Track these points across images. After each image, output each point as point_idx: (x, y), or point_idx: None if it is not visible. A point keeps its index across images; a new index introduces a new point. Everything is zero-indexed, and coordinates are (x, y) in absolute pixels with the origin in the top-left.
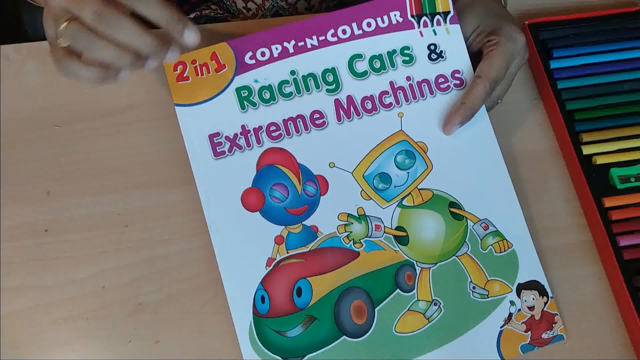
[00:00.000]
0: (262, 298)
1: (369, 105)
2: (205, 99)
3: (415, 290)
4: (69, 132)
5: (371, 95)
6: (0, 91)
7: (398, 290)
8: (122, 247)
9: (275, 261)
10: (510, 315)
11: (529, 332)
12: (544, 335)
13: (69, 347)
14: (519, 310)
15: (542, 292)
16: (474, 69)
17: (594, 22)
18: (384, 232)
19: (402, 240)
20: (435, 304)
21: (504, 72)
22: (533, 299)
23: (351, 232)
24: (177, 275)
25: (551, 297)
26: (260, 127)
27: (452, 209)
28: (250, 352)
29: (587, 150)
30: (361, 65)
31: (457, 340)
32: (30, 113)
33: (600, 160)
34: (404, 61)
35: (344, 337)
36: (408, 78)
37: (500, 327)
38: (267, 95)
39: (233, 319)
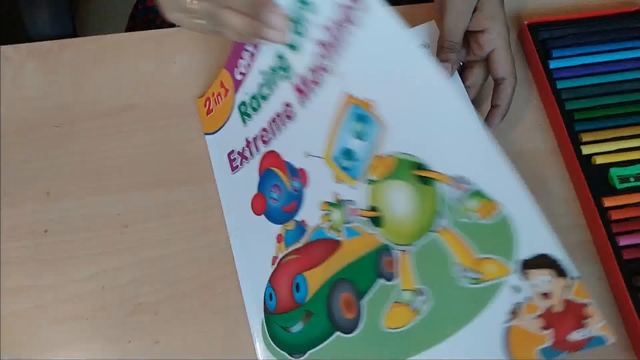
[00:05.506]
0: (270, 295)
1: (317, 77)
2: (222, 124)
3: (399, 279)
4: (69, 132)
5: (314, 66)
6: (0, 91)
7: (381, 279)
8: (122, 247)
9: (278, 259)
10: (518, 306)
11: (550, 330)
12: (574, 336)
13: (68, 347)
14: (529, 298)
15: (560, 271)
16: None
17: (594, 22)
18: (359, 214)
19: (376, 221)
20: (420, 294)
21: (512, 57)
22: (547, 281)
23: (331, 220)
24: (177, 275)
25: (577, 277)
26: (256, 136)
27: (417, 172)
28: (262, 349)
29: (586, 150)
30: (291, 38)
31: (452, 338)
32: (30, 113)
33: (599, 160)
34: (310, 12)
35: (338, 332)
36: (327, 29)
37: (504, 324)
38: (255, 104)
39: (248, 317)
